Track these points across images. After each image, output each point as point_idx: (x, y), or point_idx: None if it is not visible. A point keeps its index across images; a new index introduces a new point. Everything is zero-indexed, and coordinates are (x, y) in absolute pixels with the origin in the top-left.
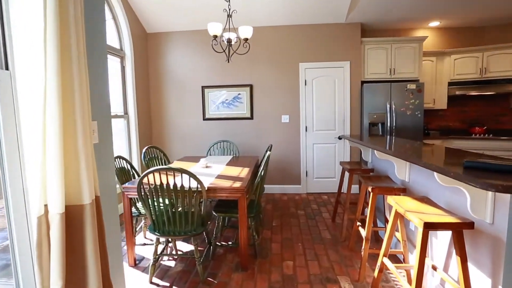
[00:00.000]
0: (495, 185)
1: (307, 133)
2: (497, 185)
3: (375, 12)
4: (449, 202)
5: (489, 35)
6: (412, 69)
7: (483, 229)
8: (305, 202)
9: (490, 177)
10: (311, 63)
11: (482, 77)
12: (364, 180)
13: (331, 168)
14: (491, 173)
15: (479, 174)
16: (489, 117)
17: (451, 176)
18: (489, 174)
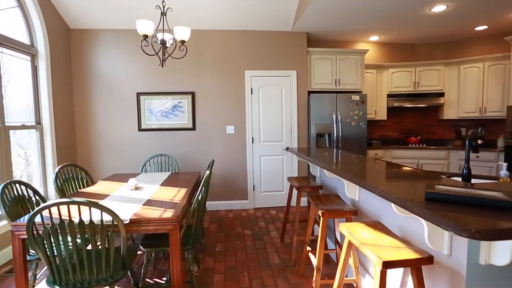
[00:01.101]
0: (469, 231)
1: (253, 144)
2: (471, 231)
3: (319, 22)
4: (402, 228)
5: (420, 52)
6: (356, 81)
7: (441, 260)
8: (252, 219)
9: (458, 217)
10: (258, 71)
11: (415, 90)
12: (313, 201)
13: (279, 181)
14: (456, 207)
15: (443, 208)
16: (422, 127)
17: (414, 212)
18: (454, 208)
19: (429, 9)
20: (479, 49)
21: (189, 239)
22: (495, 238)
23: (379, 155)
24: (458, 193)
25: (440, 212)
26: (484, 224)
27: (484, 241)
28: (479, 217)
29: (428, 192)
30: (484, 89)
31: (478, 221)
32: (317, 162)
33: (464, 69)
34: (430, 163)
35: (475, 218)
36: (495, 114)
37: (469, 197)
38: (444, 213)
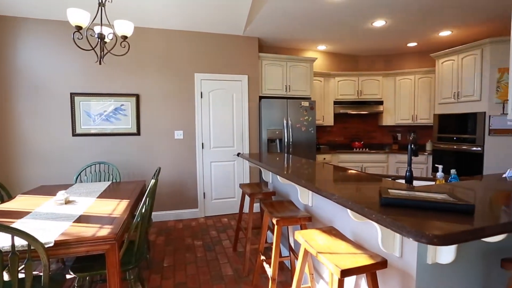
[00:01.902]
0: (428, 236)
1: (203, 150)
2: (430, 237)
3: (271, 28)
4: (355, 232)
5: (362, 63)
6: (305, 87)
7: (392, 262)
8: (203, 228)
9: (415, 222)
10: (208, 74)
11: (359, 98)
12: (267, 208)
13: (231, 188)
14: (411, 211)
15: (399, 213)
16: (365, 133)
17: (372, 219)
18: (409, 212)
19: (371, 23)
20: (411, 62)
21: (132, 257)
22: (451, 243)
23: (327, 159)
24: (411, 197)
25: (398, 218)
26: (438, 229)
27: (442, 246)
28: (432, 221)
29: (384, 198)
30: (415, 99)
31: (432, 225)
32: (270, 168)
33: (399, 80)
34: (372, 166)
35: (429, 223)
36: (424, 121)
37: (421, 201)
38: (402, 218)
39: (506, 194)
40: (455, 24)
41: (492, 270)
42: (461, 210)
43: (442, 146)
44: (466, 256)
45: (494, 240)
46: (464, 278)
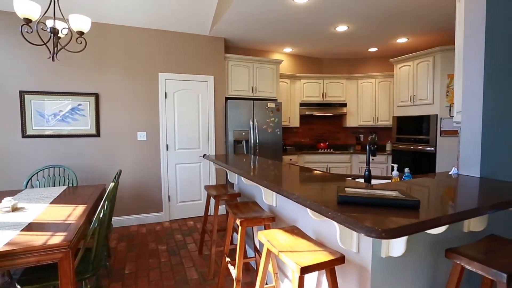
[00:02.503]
0: (377, 231)
1: (168, 152)
2: (379, 231)
3: (237, 29)
4: (317, 230)
5: (326, 66)
6: (271, 89)
7: (350, 258)
8: (168, 232)
9: (368, 218)
10: (173, 74)
11: (323, 100)
12: (231, 209)
13: (197, 190)
14: (365, 208)
15: (354, 210)
16: (329, 134)
17: (328, 216)
18: (364, 209)
19: (334, 28)
20: (372, 67)
21: (89, 266)
22: (397, 236)
23: (293, 160)
24: (365, 195)
25: (352, 215)
26: (387, 224)
27: (389, 239)
28: (383, 217)
29: (340, 196)
30: (376, 102)
31: (383, 221)
32: (235, 169)
33: (361, 83)
34: (337, 166)
35: (380, 218)
36: (384, 123)
37: (374, 198)
38: (355, 215)
39: (449, 190)
40: (411, 32)
41: (439, 260)
42: (408, 205)
43: (400, 146)
44: (415, 248)
45: (438, 232)
46: (415, 268)
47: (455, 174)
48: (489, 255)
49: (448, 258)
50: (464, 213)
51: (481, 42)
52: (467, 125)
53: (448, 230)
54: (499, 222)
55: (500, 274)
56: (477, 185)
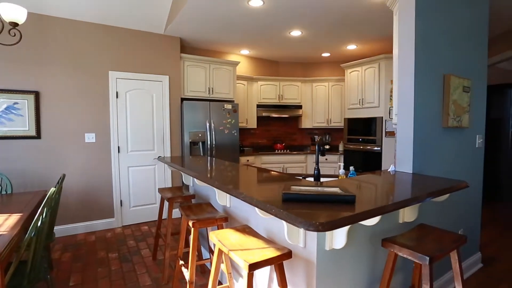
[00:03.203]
0: (314, 225)
1: (120, 154)
2: (316, 225)
3: (193, 29)
4: (268, 228)
5: (283, 69)
6: (228, 90)
7: (298, 253)
8: (120, 239)
9: (308, 213)
10: (125, 73)
11: (280, 102)
12: (184, 211)
13: (151, 193)
14: (308, 204)
15: (297, 207)
16: (286, 135)
17: (272, 213)
18: (306, 206)
19: (289, 32)
20: (325, 70)
21: (23, 279)
22: (333, 228)
23: (250, 161)
24: (308, 192)
25: (293, 211)
26: (325, 218)
27: (325, 231)
28: (323, 212)
29: (284, 193)
30: (329, 104)
31: (321, 215)
32: (187, 171)
33: (316, 86)
34: (293, 166)
35: (319, 213)
36: (337, 124)
37: (316, 195)
38: (297, 211)
39: (385, 185)
40: (359, 40)
41: (377, 250)
42: (345, 200)
43: (351, 146)
44: (356, 240)
45: (373, 223)
46: (356, 259)
47: (393, 171)
48: (417, 241)
49: (384, 247)
50: (391, 205)
51: (411, 51)
52: (402, 126)
53: (385, 221)
54: (428, 212)
55: (423, 257)
56: (409, 180)
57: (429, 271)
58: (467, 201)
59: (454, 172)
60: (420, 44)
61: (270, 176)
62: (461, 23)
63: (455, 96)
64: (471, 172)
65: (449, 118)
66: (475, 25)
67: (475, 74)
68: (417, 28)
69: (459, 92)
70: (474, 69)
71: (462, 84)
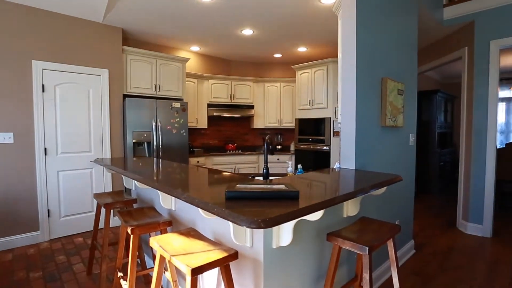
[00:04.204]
0: (256, 222)
1: (47, 157)
2: (258, 222)
3: (136, 19)
4: (215, 230)
5: (235, 68)
6: (177, 88)
7: (245, 253)
8: (46, 255)
9: (251, 211)
10: (54, 64)
11: (232, 102)
12: (122, 217)
13: (88, 200)
14: (252, 202)
15: (241, 205)
16: (238, 135)
17: (215, 213)
18: (250, 204)
19: (240, 30)
20: (277, 71)
21: None
22: (275, 224)
23: (201, 162)
24: (252, 189)
25: (236, 210)
26: (267, 214)
27: (268, 228)
28: (267, 209)
29: (228, 191)
30: (281, 105)
31: (265, 212)
32: (128, 174)
33: (268, 86)
34: (245, 166)
35: (263, 210)
36: (288, 124)
37: (261, 192)
38: (240, 210)
39: (329, 180)
40: (308, 43)
41: (323, 245)
42: (289, 196)
43: (302, 146)
44: (303, 236)
45: (317, 218)
46: (303, 255)
47: (338, 168)
48: (359, 233)
49: (329, 241)
50: (333, 199)
51: (353, 56)
52: (345, 125)
53: (329, 216)
54: (369, 206)
55: (363, 248)
56: (352, 176)
57: (368, 260)
58: (402, 194)
59: (391, 168)
60: (360, 49)
61: (221, 177)
62: (395, 32)
63: (391, 98)
64: (406, 168)
65: (386, 118)
66: (407, 36)
67: (407, 79)
68: (358, 34)
69: (394, 94)
70: (407, 75)
71: (397, 87)
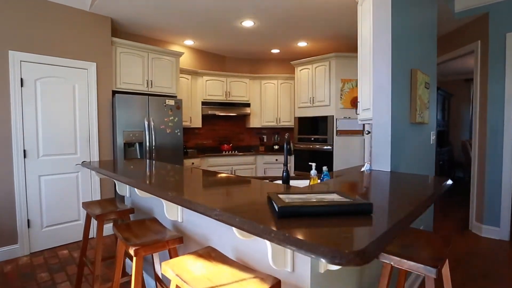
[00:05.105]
0: (348, 256)
1: (26, 160)
2: (350, 255)
3: (126, 9)
4: (238, 248)
5: (229, 64)
6: (170, 84)
7: (285, 279)
8: (25, 272)
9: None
10: (34, 55)
11: (227, 100)
12: (121, 233)
13: (73, 208)
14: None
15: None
16: (233, 135)
17: (269, 239)
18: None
19: (240, 22)
20: (274, 68)
21: None
22: (374, 256)
23: (195, 164)
24: (309, 203)
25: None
26: (354, 242)
27: (366, 264)
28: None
29: (282, 208)
30: (278, 102)
31: (344, 238)
32: (126, 180)
33: (264, 84)
34: (242, 168)
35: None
36: (286, 123)
37: (320, 206)
38: (306, 234)
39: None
40: (310, 37)
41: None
42: (361, 210)
43: (302, 146)
44: None
45: None
46: (351, 278)
47: (368, 170)
48: (411, 248)
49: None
50: (417, 209)
51: (388, 45)
52: (378, 122)
53: None
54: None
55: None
56: (397, 179)
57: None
58: None
59: (417, 169)
60: (394, 37)
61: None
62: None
63: (420, 91)
64: (429, 169)
65: (416, 113)
66: (428, 27)
67: (431, 71)
68: (393, 22)
69: (422, 88)
70: (430, 67)
71: (425, 80)
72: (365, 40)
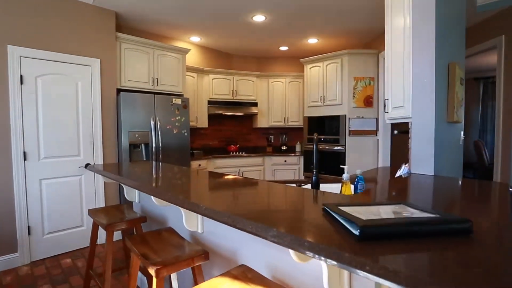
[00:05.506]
0: None
1: (27, 162)
2: None
3: (131, 2)
4: (275, 265)
5: (236, 62)
6: (176, 82)
7: None
8: (26, 284)
9: (426, 267)
10: (35, 51)
11: (234, 99)
12: (137, 248)
13: (76, 213)
14: (392, 242)
15: (381, 249)
16: (240, 135)
17: (365, 270)
18: (394, 247)
19: (251, 17)
20: (281, 66)
21: None
22: None
23: (202, 165)
24: (399, 221)
25: (377, 249)
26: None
27: None
28: (444, 260)
29: (364, 228)
30: (286, 102)
31: (476, 276)
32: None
33: (272, 82)
34: (250, 170)
35: (445, 265)
36: (294, 123)
37: (413, 224)
38: (410, 266)
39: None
40: (321, 33)
41: None
42: (458, 229)
43: (311, 147)
44: None
45: None
46: None
47: (406, 173)
48: None
49: None
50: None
51: (432, 38)
52: (419, 122)
53: None
54: None
55: None
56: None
57: None
58: None
59: (451, 171)
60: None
61: (268, 188)
62: (456, 11)
63: (456, 87)
64: (459, 171)
65: (454, 111)
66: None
67: (463, 67)
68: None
69: (458, 84)
70: (462, 62)
71: (460, 75)
72: (398, 32)
